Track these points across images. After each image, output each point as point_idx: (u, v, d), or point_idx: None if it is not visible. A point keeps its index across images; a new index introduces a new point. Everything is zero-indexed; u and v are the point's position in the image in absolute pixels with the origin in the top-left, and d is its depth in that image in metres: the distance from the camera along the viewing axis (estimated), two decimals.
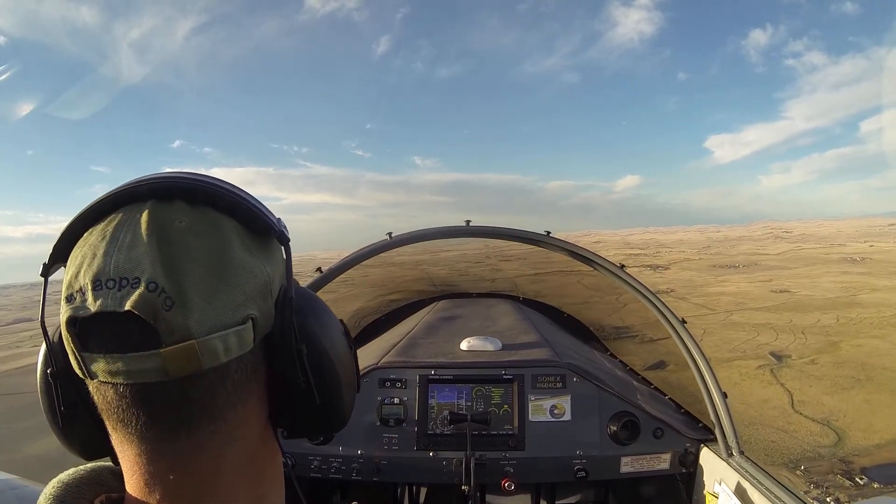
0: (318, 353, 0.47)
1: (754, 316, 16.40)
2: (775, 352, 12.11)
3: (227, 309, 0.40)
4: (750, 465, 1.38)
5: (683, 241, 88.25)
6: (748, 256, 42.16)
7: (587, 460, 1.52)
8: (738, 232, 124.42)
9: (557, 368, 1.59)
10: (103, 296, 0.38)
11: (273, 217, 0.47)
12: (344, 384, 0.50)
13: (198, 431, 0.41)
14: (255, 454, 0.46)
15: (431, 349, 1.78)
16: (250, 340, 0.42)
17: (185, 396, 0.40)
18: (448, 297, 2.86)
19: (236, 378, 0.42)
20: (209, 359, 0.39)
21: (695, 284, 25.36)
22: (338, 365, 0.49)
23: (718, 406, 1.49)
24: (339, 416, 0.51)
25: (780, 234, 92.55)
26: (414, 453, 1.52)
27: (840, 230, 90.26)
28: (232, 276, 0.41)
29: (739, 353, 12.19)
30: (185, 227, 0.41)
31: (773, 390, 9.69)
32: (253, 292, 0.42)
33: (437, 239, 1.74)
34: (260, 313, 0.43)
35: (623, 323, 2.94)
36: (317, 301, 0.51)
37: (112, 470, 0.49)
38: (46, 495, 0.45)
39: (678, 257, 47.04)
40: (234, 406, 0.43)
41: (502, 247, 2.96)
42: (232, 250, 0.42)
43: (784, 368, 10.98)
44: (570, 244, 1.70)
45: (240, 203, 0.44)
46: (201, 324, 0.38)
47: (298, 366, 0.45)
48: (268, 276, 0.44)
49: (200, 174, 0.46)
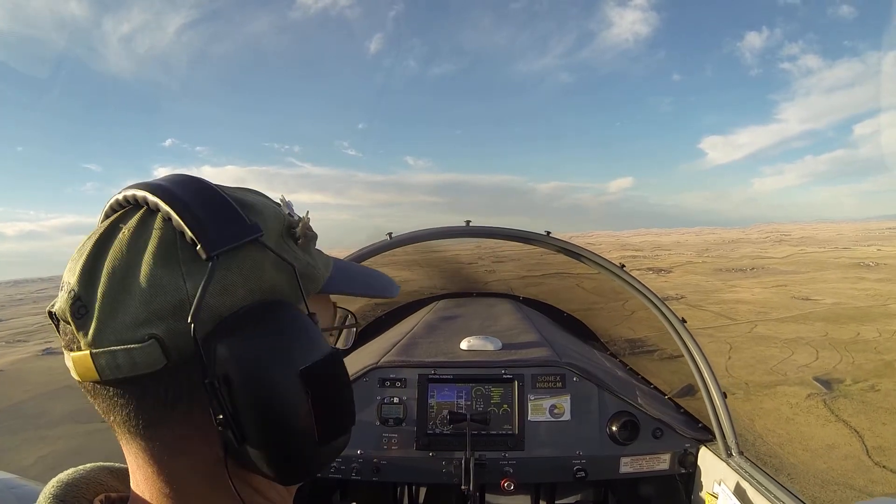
0: (246, 389, 0.39)
1: (781, 328, 14.49)
2: (822, 376, 10.09)
3: (128, 325, 0.39)
4: (749, 466, 1.40)
5: (680, 243, 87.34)
6: (752, 260, 40.70)
7: (587, 460, 1.53)
8: (734, 234, 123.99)
9: (557, 368, 1.61)
10: (59, 296, 0.42)
11: (211, 227, 0.41)
12: (282, 431, 0.41)
13: (143, 437, 0.42)
14: (220, 474, 0.42)
15: (431, 348, 1.79)
16: (153, 361, 0.39)
17: (112, 401, 0.41)
18: (448, 297, 2.89)
19: (160, 395, 0.40)
20: (105, 372, 0.39)
21: (705, 290, 23.58)
22: (268, 409, 0.40)
23: (718, 406, 1.50)
24: (286, 468, 0.42)
25: (780, 236, 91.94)
26: (413, 453, 1.54)
27: (839, 233, 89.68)
28: (137, 291, 0.39)
29: (780, 377, 10.21)
30: (123, 238, 0.42)
31: (835, 430, 7.80)
32: (161, 310, 0.39)
33: (437, 239, 1.75)
34: (169, 333, 0.39)
35: (635, 334, 3.37)
36: (280, 324, 0.42)
37: (111, 470, 0.52)
38: (46, 495, 0.46)
39: (679, 260, 45.60)
40: (167, 422, 0.41)
41: (495, 248, 3.09)
42: (143, 264, 0.40)
43: (839, 398, 9.03)
44: (570, 244, 1.72)
45: (178, 209, 0.41)
46: (100, 336, 0.39)
47: (212, 400, 0.39)
48: (185, 292, 0.40)
49: (182, 177, 0.46)
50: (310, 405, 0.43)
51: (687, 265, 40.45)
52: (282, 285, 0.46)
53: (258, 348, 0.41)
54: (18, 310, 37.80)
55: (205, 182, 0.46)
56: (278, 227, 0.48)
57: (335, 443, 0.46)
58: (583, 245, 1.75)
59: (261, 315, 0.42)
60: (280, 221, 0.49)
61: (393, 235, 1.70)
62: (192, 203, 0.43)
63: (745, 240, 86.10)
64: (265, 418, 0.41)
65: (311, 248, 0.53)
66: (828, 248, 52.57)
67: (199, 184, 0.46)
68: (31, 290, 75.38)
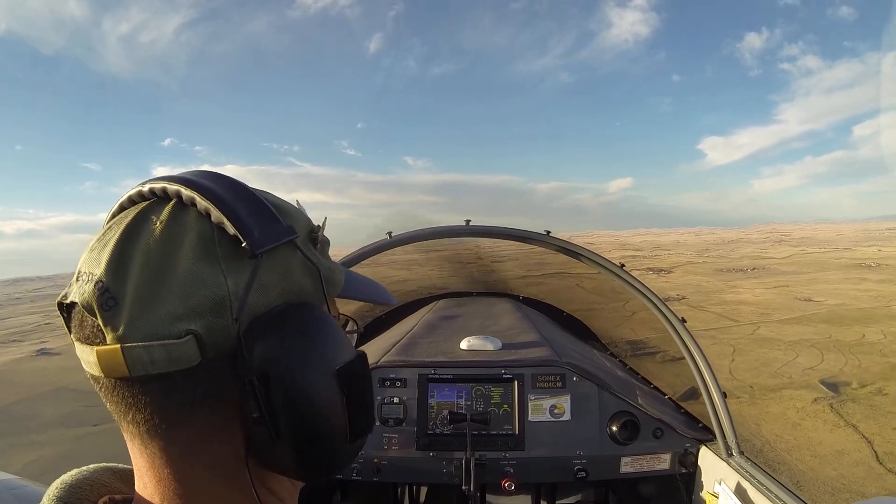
0: (285, 388, 0.40)
1: (784, 330, 14.28)
2: (828, 379, 9.89)
3: (164, 320, 0.38)
4: (750, 465, 1.40)
5: (679, 243, 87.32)
6: (753, 260, 40.56)
7: (587, 460, 1.53)
8: (734, 234, 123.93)
9: (557, 368, 1.60)
10: (76, 286, 0.40)
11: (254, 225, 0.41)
12: (318, 429, 0.41)
13: (162, 437, 0.40)
14: (237, 474, 0.42)
15: (431, 348, 1.78)
16: (189, 357, 0.38)
17: (135, 398, 0.39)
18: (448, 297, 2.86)
19: (189, 392, 0.40)
20: (137, 367, 0.37)
21: (706, 291, 23.39)
22: (307, 407, 0.41)
23: (718, 406, 1.50)
24: (315, 465, 0.42)
25: (780, 237, 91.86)
26: (414, 453, 1.53)
27: (839, 234, 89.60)
28: (175, 285, 0.38)
29: (785, 380, 9.99)
30: (155, 230, 0.40)
31: (843, 435, 7.58)
32: (199, 306, 0.38)
33: (437, 238, 1.73)
34: (207, 329, 0.39)
35: (636, 336, 2.91)
36: (314, 325, 0.43)
37: (114, 471, 0.51)
38: (49, 496, 0.45)
39: (679, 260, 45.47)
40: (191, 420, 0.40)
41: (494, 248, 3.12)
42: (181, 258, 0.39)
43: (847, 402, 8.83)
44: (570, 244, 1.70)
45: (220, 205, 0.41)
46: (132, 330, 0.37)
47: (251, 397, 0.39)
48: (226, 289, 0.39)
49: (211, 173, 0.45)
50: (343, 404, 0.43)
51: (687, 265, 40.34)
52: (308, 288, 0.46)
53: (296, 347, 0.41)
54: (15, 309, 37.59)
55: (237, 180, 0.46)
56: (305, 231, 0.48)
57: (360, 441, 0.47)
58: (582, 245, 1.74)
59: (295, 315, 0.43)
60: (306, 226, 0.49)
61: (393, 235, 1.68)
62: (232, 200, 0.42)
63: (746, 240, 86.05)
64: (302, 416, 0.41)
65: (327, 253, 0.53)
66: (828, 248, 52.47)
67: (232, 181, 0.45)
68: (28, 289, 75.14)
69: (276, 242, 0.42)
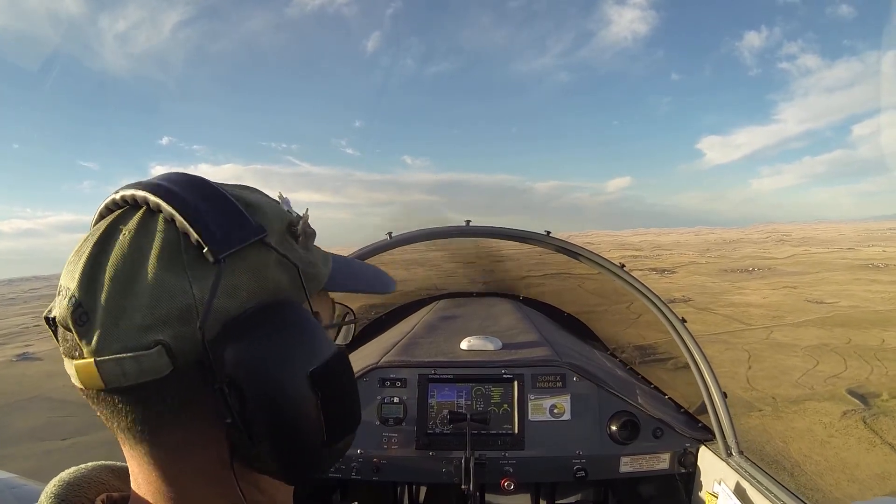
0: (255, 393, 0.39)
1: (800, 333, 13.59)
2: (856, 390, 9.21)
3: (133, 332, 0.38)
4: (749, 465, 1.39)
5: (680, 243, 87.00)
6: (756, 260, 40.01)
7: (587, 460, 1.53)
8: (734, 234, 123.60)
9: (557, 368, 1.60)
10: (56, 301, 0.41)
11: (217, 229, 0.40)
12: (292, 433, 0.41)
13: (147, 443, 0.41)
14: (224, 477, 0.42)
15: (431, 348, 1.79)
16: (159, 367, 0.38)
17: (116, 408, 0.40)
18: (448, 297, 2.86)
19: (166, 401, 0.40)
20: (111, 380, 0.38)
21: (712, 292, 22.75)
22: (279, 411, 0.40)
23: (718, 406, 1.49)
24: (295, 468, 0.42)
25: (780, 236, 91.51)
26: (413, 453, 1.53)
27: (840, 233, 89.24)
28: (142, 296, 0.38)
29: (808, 390, 9.28)
30: (124, 241, 0.40)
31: (882, 455, 6.87)
32: (166, 315, 0.38)
33: (437, 239, 1.74)
34: (176, 339, 0.38)
35: (644, 341, 3.07)
36: (286, 326, 0.42)
37: (112, 469, 0.51)
38: (48, 494, 0.45)
39: (681, 260, 44.95)
40: (173, 427, 0.41)
41: (493, 248, 3.05)
42: (147, 268, 0.39)
43: (880, 416, 8.14)
44: (570, 244, 1.71)
45: (183, 211, 0.40)
46: (104, 343, 0.38)
47: (222, 404, 0.39)
48: (192, 297, 0.39)
49: (180, 175, 0.44)
50: (318, 406, 0.42)
51: (690, 265, 39.81)
52: (285, 285, 0.45)
53: (266, 350, 0.40)
54: (7, 310, 37.02)
55: (205, 181, 0.45)
56: (280, 226, 0.47)
57: (342, 443, 0.46)
58: (581, 244, 1.72)
59: (267, 316, 0.41)
60: (282, 220, 0.47)
61: (392, 235, 1.68)
62: (196, 203, 0.41)
63: (746, 240, 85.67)
64: (274, 421, 0.40)
65: (312, 245, 0.51)
66: (831, 248, 52.01)
67: (200, 183, 0.44)
68: (24, 290, 74.65)
69: (241, 244, 0.41)
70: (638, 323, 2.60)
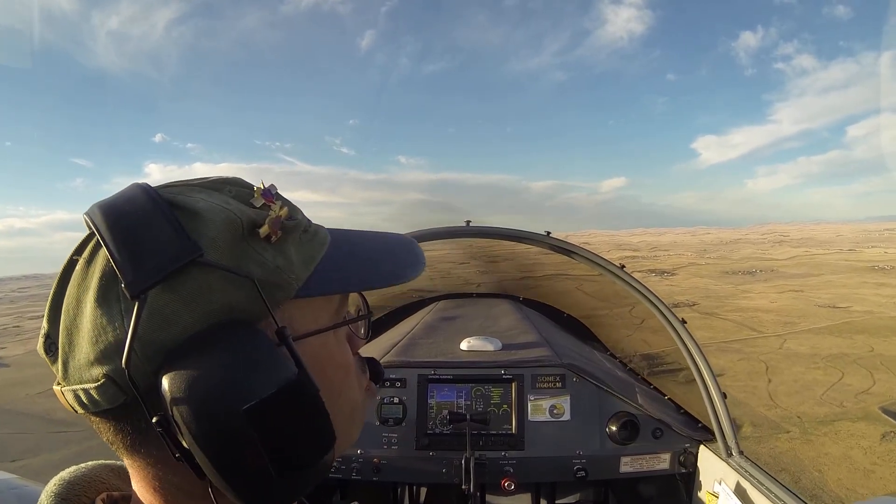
0: (187, 430, 0.36)
1: (817, 341, 12.72)
2: (890, 407, 8.34)
3: (83, 365, 0.38)
4: (750, 465, 1.39)
5: (677, 243, 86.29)
6: (757, 262, 39.25)
7: (587, 460, 1.53)
8: (731, 234, 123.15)
9: (557, 368, 1.61)
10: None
11: (133, 262, 0.36)
12: (231, 470, 0.37)
13: (128, 457, 0.42)
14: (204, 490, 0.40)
15: (431, 349, 1.79)
16: (111, 398, 0.37)
17: (98, 427, 0.41)
18: (448, 297, 2.86)
19: (127, 427, 0.39)
20: (77, 407, 0.39)
21: (717, 296, 21.89)
22: (211, 449, 0.36)
23: (718, 406, 1.49)
24: (251, 501, 0.38)
25: (778, 237, 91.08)
26: (413, 453, 1.54)
27: (838, 234, 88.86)
28: (85, 330, 0.37)
29: (837, 408, 8.40)
30: (76, 271, 0.39)
31: None
32: (106, 350, 0.37)
33: (437, 239, 1.72)
34: (118, 373, 0.36)
35: (651, 349, 2.94)
36: (224, 357, 0.37)
37: (112, 468, 0.51)
38: (48, 493, 0.45)
39: (681, 261, 44.14)
40: (144, 448, 0.40)
41: (486, 248, 3.12)
42: (85, 302, 0.38)
43: None
44: (570, 244, 1.70)
45: (105, 242, 0.37)
46: (65, 374, 0.39)
47: (162, 438, 0.37)
48: (123, 332, 0.36)
49: (117, 195, 0.41)
50: (259, 444, 0.37)
51: (690, 267, 38.99)
52: (240, 301, 0.40)
53: (199, 384, 0.36)
54: None
55: (141, 198, 0.40)
56: (230, 235, 0.41)
57: (302, 473, 0.41)
58: (579, 244, 1.70)
59: (205, 344, 0.37)
60: (233, 227, 0.41)
61: None
62: (120, 230, 0.38)
63: (745, 240, 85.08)
64: (212, 458, 0.37)
65: (291, 243, 0.44)
66: (831, 249, 51.38)
67: (133, 203, 0.40)
68: (12, 289, 73.01)
69: (164, 273, 0.36)
70: (642, 328, 2.51)
